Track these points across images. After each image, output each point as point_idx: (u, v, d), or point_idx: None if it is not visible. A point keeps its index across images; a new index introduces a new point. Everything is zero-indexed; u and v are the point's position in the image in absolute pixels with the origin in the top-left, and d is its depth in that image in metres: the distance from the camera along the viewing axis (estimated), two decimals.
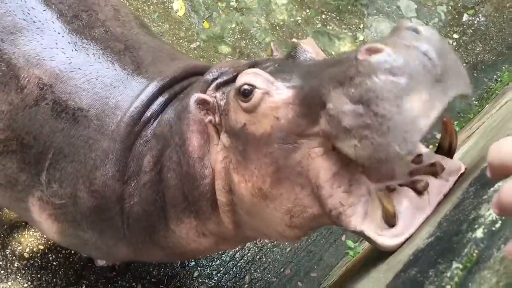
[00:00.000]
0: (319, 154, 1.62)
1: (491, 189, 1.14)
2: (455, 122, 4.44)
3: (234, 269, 3.61)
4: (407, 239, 1.50)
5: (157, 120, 2.11)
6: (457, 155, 2.45)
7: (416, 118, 1.35)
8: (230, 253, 3.66)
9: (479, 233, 0.99)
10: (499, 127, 2.23)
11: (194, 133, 1.97)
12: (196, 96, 1.92)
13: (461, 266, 0.98)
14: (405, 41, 1.41)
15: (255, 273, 3.63)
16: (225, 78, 1.99)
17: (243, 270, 3.62)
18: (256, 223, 1.96)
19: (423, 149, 1.75)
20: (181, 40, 4.41)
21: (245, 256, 3.66)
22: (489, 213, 1.02)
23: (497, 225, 0.98)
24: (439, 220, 1.31)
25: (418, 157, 1.70)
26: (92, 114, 2.11)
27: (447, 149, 1.73)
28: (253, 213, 1.89)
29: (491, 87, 4.56)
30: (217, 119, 1.92)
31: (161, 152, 2.07)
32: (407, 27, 1.45)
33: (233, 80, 1.93)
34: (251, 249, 3.68)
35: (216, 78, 2.01)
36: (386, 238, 1.54)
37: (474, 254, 0.97)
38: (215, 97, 1.94)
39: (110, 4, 2.46)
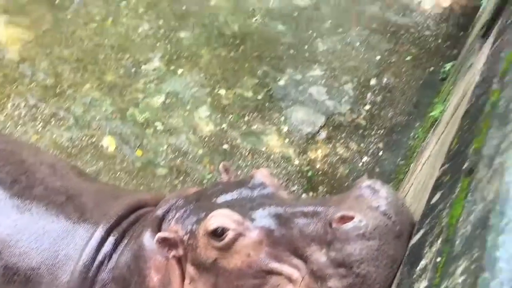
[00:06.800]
0: (288, 283, 1.80)
1: (417, 268, 1.32)
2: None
3: None
4: None
5: (110, 261, 2.20)
6: None
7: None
8: None
9: None
10: (423, 189, 2.48)
11: (152, 269, 2.08)
12: (156, 236, 2.02)
13: None
14: (367, 201, 1.69)
15: None
16: (180, 212, 2.11)
17: None
18: None
19: None
20: (119, 174, 4.54)
21: None
22: None
23: None
24: None
25: None
26: (44, 270, 2.18)
27: None
28: None
29: (411, 145, 4.96)
30: (180, 252, 2.04)
31: None
32: (366, 185, 1.74)
33: (191, 213, 2.06)
34: None
35: (167, 211, 2.16)
36: None
37: None
38: (176, 231, 2.06)
39: (45, 163, 2.61)
